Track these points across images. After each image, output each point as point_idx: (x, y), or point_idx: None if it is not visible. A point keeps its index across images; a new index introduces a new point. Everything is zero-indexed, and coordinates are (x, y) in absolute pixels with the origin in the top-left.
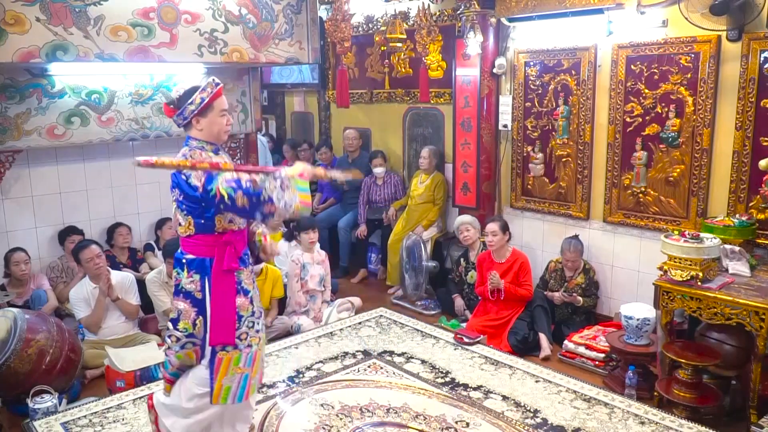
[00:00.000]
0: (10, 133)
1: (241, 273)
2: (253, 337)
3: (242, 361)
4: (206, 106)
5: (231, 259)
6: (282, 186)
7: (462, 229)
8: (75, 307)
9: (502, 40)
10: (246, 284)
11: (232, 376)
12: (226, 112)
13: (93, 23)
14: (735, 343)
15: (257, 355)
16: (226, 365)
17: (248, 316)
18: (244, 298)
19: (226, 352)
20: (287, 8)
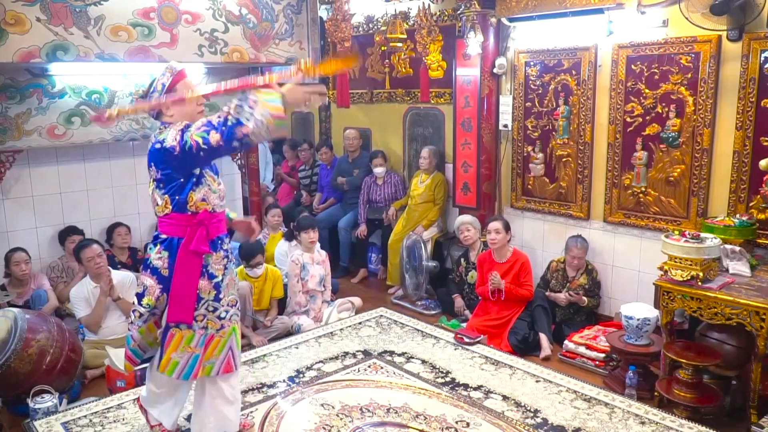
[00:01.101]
0: (11, 133)
1: (209, 257)
2: (211, 321)
3: (194, 341)
4: (169, 90)
5: (200, 240)
6: (249, 104)
7: (462, 229)
8: (75, 306)
9: (502, 40)
10: (213, 269)
11: (182, 352)
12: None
13: (93, 23)
14: (735, 343)
15: (213, 340)
16: (178, 341)
17: (210, 300)
18: (207, 282)
19: (179, 329)
20: (287, 8)
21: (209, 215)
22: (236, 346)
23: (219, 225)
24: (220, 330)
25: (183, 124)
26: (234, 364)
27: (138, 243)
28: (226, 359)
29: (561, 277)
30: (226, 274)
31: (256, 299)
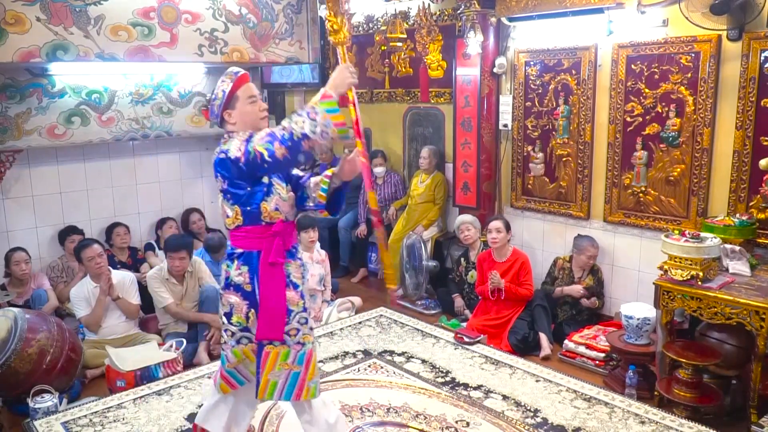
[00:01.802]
0: (11, 133)
1: (289, 266)
2: (306, 335)
3: (291, 357)
4: (230, 97)
5: (278, 252)
6: (310, 116)
7: (462, 229)
8: (75, 306)
9: (502, 40)
10: (295, 278)
11: (279, 371)
12: (255, 98)
13: (93, 23)
14: (735, 343)
15: (312, 355)
16: (273, 359)
17: (299, 312)
18: (294, 292)
19: (273, 346)
20: (287, 8)
21: (284, 225)
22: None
23: (292, 233)
24: (313, 343)
25: (246, 134)
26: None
27: (138, 243)
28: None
29: (567, 275)
30: (304, 283)
31: None
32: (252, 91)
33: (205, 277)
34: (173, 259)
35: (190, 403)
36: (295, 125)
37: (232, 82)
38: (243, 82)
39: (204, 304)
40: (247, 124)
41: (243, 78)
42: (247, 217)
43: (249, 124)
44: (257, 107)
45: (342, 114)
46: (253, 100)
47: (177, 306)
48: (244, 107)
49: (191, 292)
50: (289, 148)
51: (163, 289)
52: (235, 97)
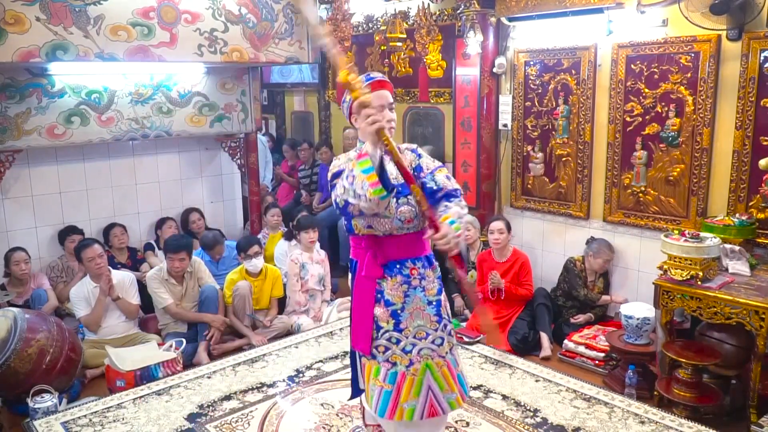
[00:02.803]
0: (10, 133)
1: (383, 281)
2: (397, 356)
3: (381, 375)
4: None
5: (370, 265)
6: (349, 180)
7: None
8: (75, 305)
9: (502, 40)
10: (389, 296)
11: (373, 386)
12: (380, 108)
13: (93, 23)
14: (735, 343)
15: (405, 378)
16: (368, 372)
17: (390, 330)
18: (384, 309)
19: (367, 359)
20: (287, 8)
21: (376, 239)
22: (438, 386)
23: (394, 249)
24: (410, 367)
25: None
26: (440, 408)
27: (137, 243)
28: (428, 401)
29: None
30: (407, 302)
31: (255, 298)
32: (377, 101)
33: (205, 278)
34: (173, 260)
35: (189, 403)
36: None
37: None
38: (373, 89)
39: (204, 304)
40: (363, 135)
41: (373, 85)
42: (348, 228)
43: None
44: (380, 117)
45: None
46: (378, 109)
47: (177, 306)
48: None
49: (191, 292)
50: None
51: (163, 290)
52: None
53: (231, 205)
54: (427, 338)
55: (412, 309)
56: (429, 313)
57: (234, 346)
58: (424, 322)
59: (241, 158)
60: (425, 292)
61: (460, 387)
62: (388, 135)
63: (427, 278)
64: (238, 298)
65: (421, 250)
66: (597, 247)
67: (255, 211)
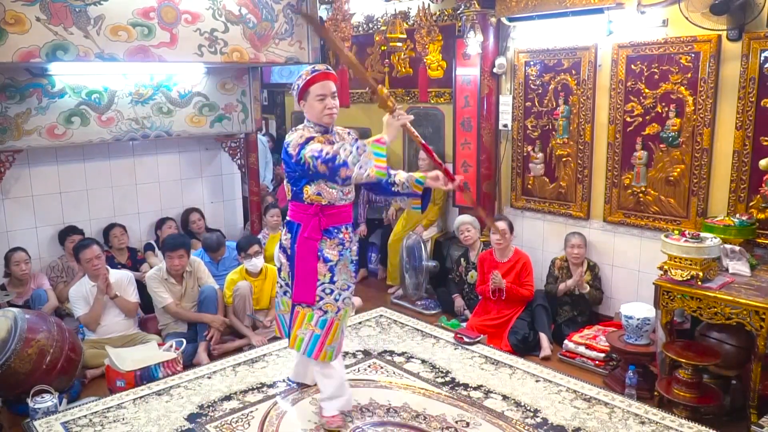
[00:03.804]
0: (10, 133)
1: (323, 242)
2: (329, 304)
3: (314, 321)
4: (302, 92)
5: (313, 229)
6: (358, 150)
7: (462, 230)
8: (74, 305)
9: (502, 40)
10: (328, 253)
11: (305, 329)
12: (323, 96)
13: (93, 23)
14: (735, 343)
15: (333, 324)
16: (301, 319)
17: (326, 282)
18: (323, 264)
19: (302, 307)
20: (287, 8)
21: (323, 207)
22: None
23: (336, 216)
24: (338, 313)
25: (304, 137)
26: (341, 347)
27: (137, 243)
28: (340, 343)
29: (565, 275)
30: (340, 259)
31: (255, 299)
32: (321, 90)
33: (204, 277)
34: (172, 258)
35: (189, 403)
36: (342, 151)
37: (306, 79)
38: (316, 81)
39: (203, 304)
40: (312, 116)
41: (317, 77)
42: (294, 195)
43: (315, 117)
44: (323, 105)
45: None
46: (320, 98)
47: (176, 306)
48: (312, 102)
49: (190, 291)
50: (329, 168)
51: (162, 289)
52: (307, 92)
53: (231, 205)
54: (348, 289)
55: (342, 265)
56: (351, 269)
57: (234, 346)
58: (347, 276)
59: (241, 158)
60: (350, 253)
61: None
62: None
63: (352, 240)
64: (238, 298)
65: (350, 218)
66: (566, 240)
67: (255, 211)
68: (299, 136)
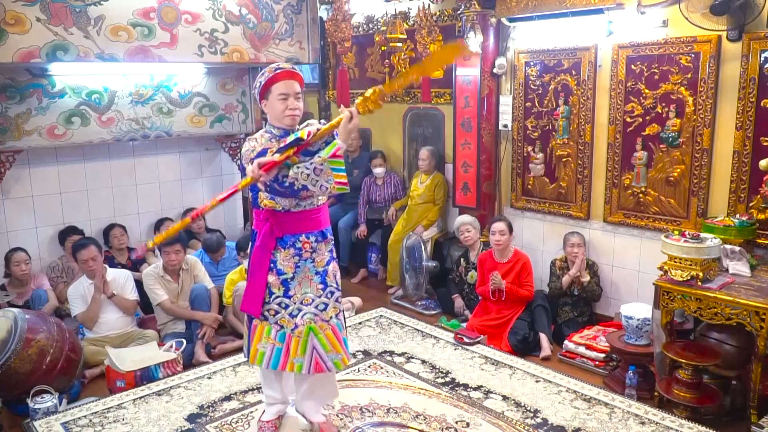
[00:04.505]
0: (11, 133)
1: (277, 252)
2: (284, 319)
3: (272, 335)
4: (264, 90)
5: (266, 236)
6: (315, 171)
7: (463, 230)
8: (72, 303)
9: (502, 40)
10: (282, 266)
11: (264, 343)
12: (286, 96)
13: (93, 23)
14: (735, 343)
15: (291, 339)
16: (260, 332)
17: (280, 296)
18: (276, 278)
19: (259, 321)
20: (287, 8)
21: (275, 213)
22: (321, 347)
23: (291, 224)
24: (295, 329)
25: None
26: (325, 366)
27: (137, 243)
28: (314, 360)
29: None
30: (297, 272)
31: None
32: (284, 89)
33: (200, 275)
34: (168, 253)
35: (189, 404)
36: (299, 176)
37: (269, 75)
38: (279, 79)
39: (194, 303)
40: (273, 117)
41: (280, 75)
42: (252, 200)
43: (274, 117)
44: (284, 105)
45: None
46: (282, 97)
47: (171, 303)
48: (273, 101)
49: (187, 289)
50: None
51: (158, 286)
52: (269, 90)
53: (231, 205)
54: (311, 304)
55: (301, 278)
56: (315, 281)
57: (234, 346)
58: (310, 290)
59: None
60: (314, 264)
61: (345, 349)
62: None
63: (318, 251)
64: (238, 298)
65: (315, 225)
66: (564, 239)
67: None
68: (250, 149)
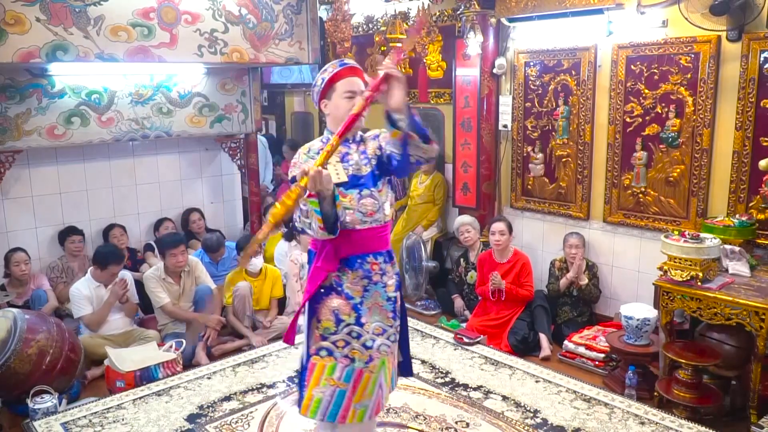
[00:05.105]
0: (10, 133)
1: (343, 275)
2: (356, 351)
3: (337, 373)
4: (327, 87)
5: (327, 258)
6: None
7: (462, 230)
8: (75, 303)
9: (502, 40)
10: (348, 288)
11: (324, 387)
12: (352, 94)
13: (93, 23)
14: (735, 344)
15: (362, 376)
16: (319, 372)
17: (351, 324)
18: (345, 302)
19: (319, 357)
20: (287, 8)
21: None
22: (385, 381)
23: (357, 243)
24: (369, 363)
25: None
26: (381, 405)
27: (137, 244)
28: (377, 400)
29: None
30: (366, 297)
31: (255, 299)
32: (352, 86)
33: (202, 277)
34: (175, 255)
35: (189, 404)
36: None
37: (332, 72)
38: (345, 75)
39: (198, 304)
40: (337, 118)
41: (346, 71)
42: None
43: (339, 119)
44: (351, 104)
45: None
46: (349, 95)
47: (173, 306)
48: (338, 100)
49: (188, 291)
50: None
51: (160, 289)
52: (333, 88)
53: (231, 205)
54: (383, 334)
55: (371, 304)
56: (386, 309)
57: (234, 346)
58: (381, 318)
59: (241, 159)
60: (385, 288)
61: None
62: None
63: (387, 273)
64: (238, 298)
65: (383, 245)
66: (565, 238)
67: (255, 211)
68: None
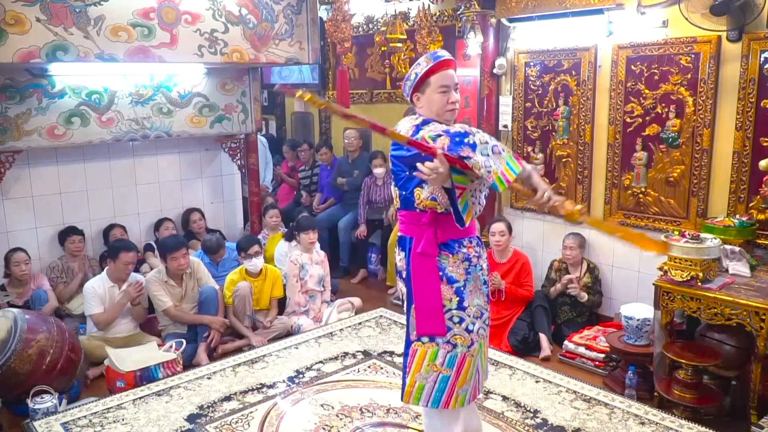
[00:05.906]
0: (10, 133)
1: (445, 259)
2: (458, 336)
3: (439, 359)
4: (421, 82)
5: (428, 243)
6: (497, 151)
7: None
8: (88, 301)
9: (502, 41)
10: (451, 272)
11: (427, 373)
12: (447, 89)
13: (93, 23)
14: (735, 344)
15: (465, 361)
16: (421, 358)
17: (453, 309)
18: (448, 286)
19: (421, 343)
20: (287, 8)
21: (440, 216)
22: (482, 367)
23: (454, 227)
24: (471, 347)
25: (413, 126)
26: (479, 390)
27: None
28: (474, 385)
29: (563, 276)
30: (468, 279)
31: (255, 299)
32: (446, 80)
33: (204, 278)
34: (176, 259)
35: (189, 404)
36: (486, 159)
37: (427, 66)
38: (440, 68)
39: (203, 306)
40: (432, 112)
41: (441, 64)
42: (402, 202)
43: (434, 113)
44: (446, 98)
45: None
46: (444, 90)
47: (176, 309)
48: (432, 95)
49: (190, 293)
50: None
51: (162, 292)
52: (426, 83)
53: (231, 205)
54: (482, 317)
55: (472, 287)
56: (484, 291)
57: (234, 346)
58: (480, 301)
59: (241, 159)
60: (482, 271)
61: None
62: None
63: (481, 257)
64: (238, 298)
65: (474, 230)
66: (563, 239)
67: (255, 211)
68: (411, 122)
